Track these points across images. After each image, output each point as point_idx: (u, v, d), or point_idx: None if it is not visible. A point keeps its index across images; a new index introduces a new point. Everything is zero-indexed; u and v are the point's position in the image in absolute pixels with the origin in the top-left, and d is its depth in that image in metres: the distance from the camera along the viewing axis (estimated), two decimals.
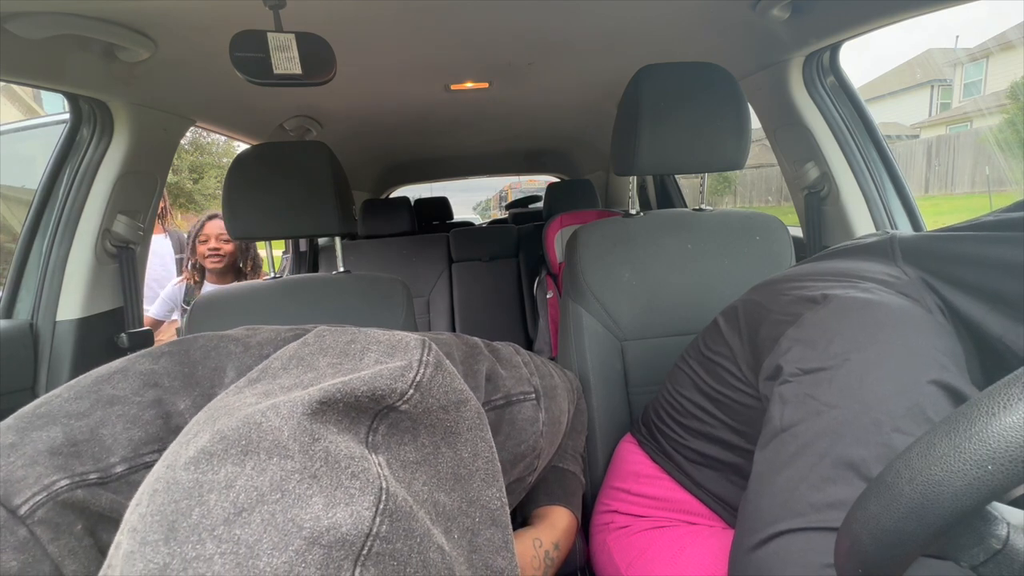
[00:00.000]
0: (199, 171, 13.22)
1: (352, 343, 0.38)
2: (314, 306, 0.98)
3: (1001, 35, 10.31)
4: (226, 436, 0.28)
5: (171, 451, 0.29)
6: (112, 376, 0.41)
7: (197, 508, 0.25)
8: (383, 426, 0.33)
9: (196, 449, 0.27)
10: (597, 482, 0.87)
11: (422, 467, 0.33)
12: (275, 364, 0.38)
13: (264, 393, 0.33)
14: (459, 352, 0.55)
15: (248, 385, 0.35)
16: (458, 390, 0.37)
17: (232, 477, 0.26)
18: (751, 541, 0.43)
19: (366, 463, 0.29)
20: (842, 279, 0.52)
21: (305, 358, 0.37)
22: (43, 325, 1.12)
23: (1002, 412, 0.24)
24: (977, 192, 7.07)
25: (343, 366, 0.36)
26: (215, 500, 0.25)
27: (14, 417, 0.38)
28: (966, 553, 0.28)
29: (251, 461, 0.27)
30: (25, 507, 0.33)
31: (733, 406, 0.60)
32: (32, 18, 0.81)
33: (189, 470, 0.27)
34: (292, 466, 0.27)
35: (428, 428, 0.35)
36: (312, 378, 0.34)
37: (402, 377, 0.34)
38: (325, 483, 0.27)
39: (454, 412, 0.36)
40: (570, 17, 1.06)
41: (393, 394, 0.33)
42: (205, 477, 0.26)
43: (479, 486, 0.36)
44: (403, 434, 0.33)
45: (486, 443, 0.38)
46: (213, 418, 0.30)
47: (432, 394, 0.35)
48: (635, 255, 0.94)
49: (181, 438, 0.30)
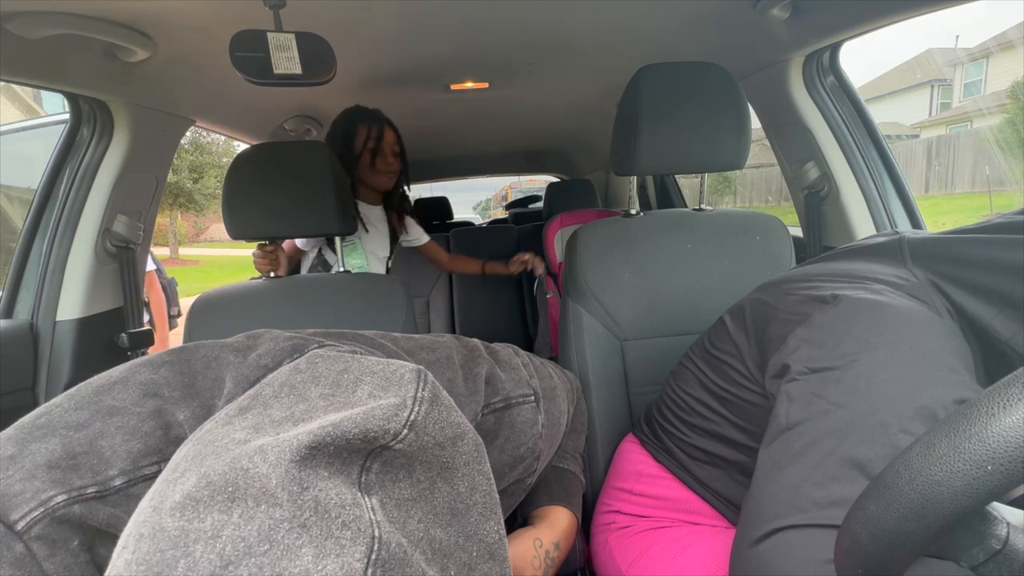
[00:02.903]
0: (199, 171, 13.23)
1: (345, 373, 0.37)
2: (314, 306, 0.98)
3: (1001, 35, 10.32)
4: (212, 481, 0.27)
5: (158, 489, 0.29)
6: (112, 386, 0.40)
7: (183, 560, 0.24)
8: (377, 464, 0.32)
9: (182, 493, 0.27)
10: (597, 482, 0.87)
11: (418, 504, 0.32)
12: (266, 392, 0.37)
13: (254, 427, 0.32)
14: (459, 356, 0.55)
15: (238, 414, 0.35)
16: (455, 424, 0.36)
17: (219, 526, 0.25)
18: (753, 536, 0.43)
19: (358, 510, 0.28)
20: (852, 280, 0.53)
21: (297, 387, 0.36)
22: (43, 325, 1.12)
23: (1002, 412, 0.24)
24: (977, 192, 7.07)
25: (335, 398, 0.34)
26: (201, 551, 0.25)
27: (14, 427, 0.37)
28: (966, 553, 0.28)
29: (238, 509, 0.26)
30: (22, 523, 0.32)
31: (739, 404, 0.60)
32: (32, 18, 0.81)
33: (175, 516, 0.26)
34: (281, 515, 0.26)
35: (424, 464, 0.34)
36: (303, 410, 0.33)
37: (395, 417, 0.32)
38: (315, 533, 0.26)
39: (451, 447, 0.35)
40: (570, 17, 1.06)
41: (386, 435, 0.32)
42: (191, 525, 0.25)
43: (476, 520, 0.35)
44: (397, 471, 0.33)
45: (484, 476, 0.37)
46: (200, 455, 0.30)
47: (427, 432, 0.34)
48: (635, 255, 0.94)
49: (167, 475, 0.29)
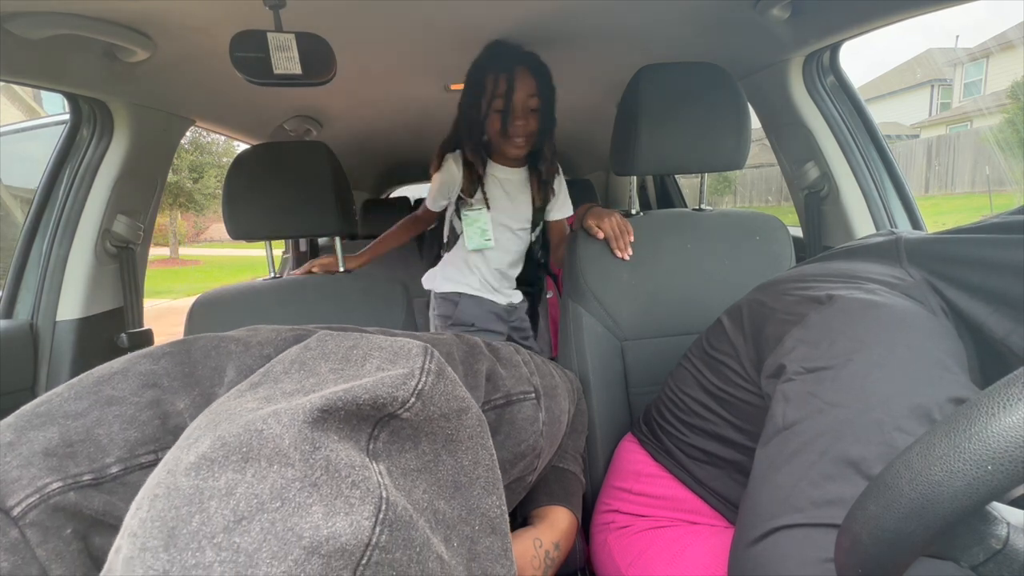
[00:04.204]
0: (199, 171, 13.24)
1: (354, 348, 0.38)
2: (314, 306, 0.98)
3: (1001, 35, 10.32)
4: (227, 442, 0.28)
5: (172, 455, 0.29)
6: (112, 376, 0.41)
7: (197, 515, 0.25)
8: (384, 433, 0.33)
9: (197, 455, 0.27)
10: (597, 482, 0.87)
11: (423, 475, 0.33)
12: (277, 368, 0.38)
13: (266, 398, 0.33)
14: (459, 352, 0.55)
15: (250, 389, 0.35)
16: (460, 398, 0.37)
17: (232, 484, 0.26)
18: (750, 536, 0.43)
19: (367, 472, 0.29)
20: (847, 280, 0.53)
21: (307, 363, 0.37)
22: (43, 325, 1.12)
23: (1001, 412, 0.24)
24: (977, 192, 7.07)
25: (345, 372, 0.35)
26: (215, 507, 0.25)
27: (15, 415, 0.38)
28: (966, 553, 0.28)
29: (252, 468, 0.27)
30: (18, 508, 0.33)
31: (737, 404, 0.60)
32: (32, 18, 0.81)
33: (190, 476, 0.27)
34: (292, 474, 0.27)
35: (429, 436, 0.35)
36: (313, 383, 0.34)
37: (404, 385, 0.33)
38: (325, 492, 0.27)
39: (455, 420, 0.36)
40: (570, 17, 1.06)
41: (395, 402, 0.33)
42: (206, 484, 0.26)
43: (479, 494, 0.36)
44: (404, 442, 0.33)
45: (487, 451, 0.37)
46: (215, 422, 0.30)
47: (434, 402, 0.35)
48: (635, 255, 0.94)
49: (182, 442, 0.30)
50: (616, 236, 0.93)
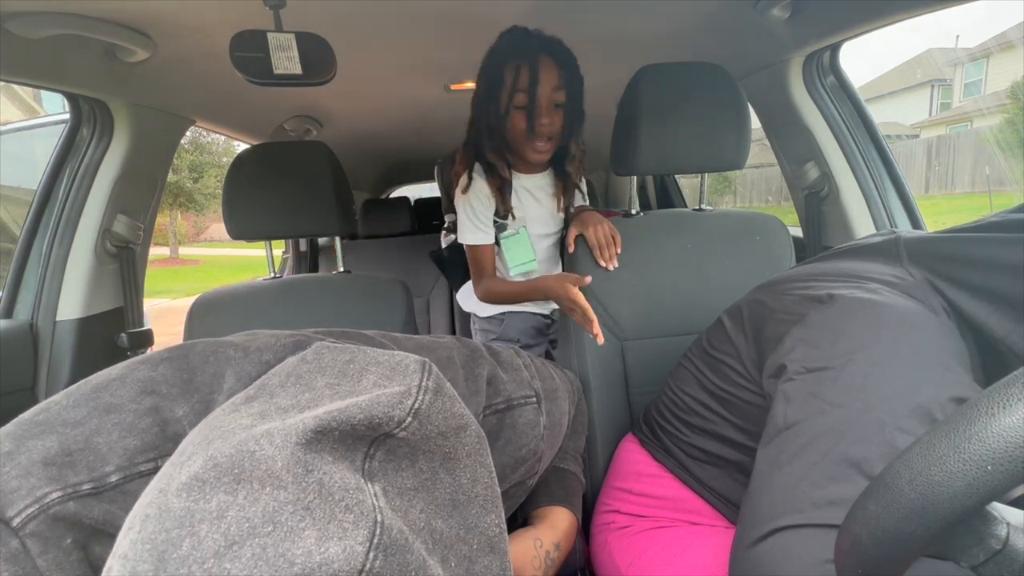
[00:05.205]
0: (199, 170, 13.24)
1: (351, 363, 0.37)
2: (314, 306, 0.98)
3: (1001, 35, 10.31)
4: (219, 463, 0.27)
5: (165, 471, 0.29)
6: (110, 383, 0.40)
7: (188, 539, 0.25)
8: (380, 453, 0.32)
9: (189, 475, 0.27)
10: (597, 482, 0.87)
11: (420, 493, 0.33)
12: (272, 381, 0.37)
13: (260, 414, 0.33)
14: (460, 356, 0.55)
15: (245, 403, 0.35)
16: (458, 415, 0.36)
17: (224, 507, 0.26)
18: (751, 536, 0.43)
19: (361, 494, 0.28)
20: (848, 280, 0.53)
21: (303, 376, 0.37)
22: (43, 325, 1.12)
23: (1001, 413, 0.24)
24: (977, 192, 7.07)
25: (341, 387, 0.35)
26: (206, 531, 0.25)
27: (13, 424, 0.37)
28: (966, 553, 0.28)
29: (243, 491, 0.26)
30: (18, 519, 0.33)
31: (737, 404, 0.60)
32: (32, 18, 0.81)
33: (181, 497, 0.26)
34: (285, 497, 0.26)
35: (427, 454, 0.34)
36: (309, 399, 0.34)
37: (400, 404, 0.33)
38: (318, 515, 0.26)
39: (453, 438, 0.35)
40: (570, 17, 1.06)
41: (391, 422, 0.32)
42: (197, 506, 0.26)
43: (478, 512, 0.35)
44: (400, 460, 0.33)
45: (486, 468, 0.37)
46: (208, 439, 0.30)
47: (431, 421, 0.34)
48: (635, 255, 0.94)
49: (175, 458, 0.30)
50: (602, 246, 0.90)
